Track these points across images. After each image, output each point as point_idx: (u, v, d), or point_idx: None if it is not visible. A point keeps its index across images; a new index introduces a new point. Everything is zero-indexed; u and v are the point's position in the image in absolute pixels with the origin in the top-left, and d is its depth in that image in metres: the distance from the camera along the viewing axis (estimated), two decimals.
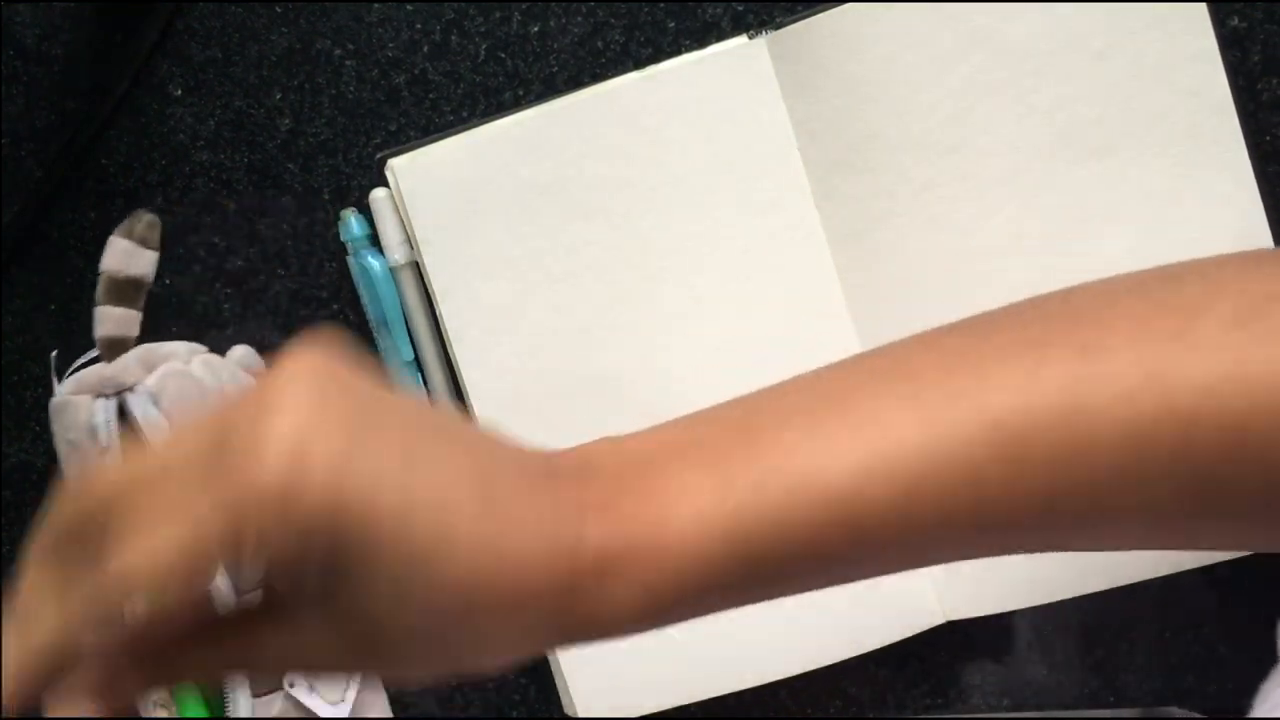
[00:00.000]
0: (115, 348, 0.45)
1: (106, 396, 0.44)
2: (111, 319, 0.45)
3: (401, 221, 0.45)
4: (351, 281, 0.46)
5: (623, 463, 0.29)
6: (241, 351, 0.47)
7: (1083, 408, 0.27)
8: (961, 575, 0.44)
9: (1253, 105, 0.42)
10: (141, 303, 0.46)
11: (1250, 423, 0.27)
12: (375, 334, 0.46)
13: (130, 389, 0.44)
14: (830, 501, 0.27)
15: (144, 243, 0.45)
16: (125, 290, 0.45)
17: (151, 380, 0.44)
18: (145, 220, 0.46)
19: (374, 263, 0.45)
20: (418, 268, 0.45)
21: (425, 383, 0.46)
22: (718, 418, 0.30)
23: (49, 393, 0.48)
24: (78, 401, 0.44)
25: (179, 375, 0.44)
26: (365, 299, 0.46)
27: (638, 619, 0.28)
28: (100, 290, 0.45)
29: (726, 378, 0.44)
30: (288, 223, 0.46)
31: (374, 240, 0.45)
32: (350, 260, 0.46)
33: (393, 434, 0.25)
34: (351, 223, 0.45)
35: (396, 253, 0.45)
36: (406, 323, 0.45)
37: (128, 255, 0.45)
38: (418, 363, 0.46)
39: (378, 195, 0.45)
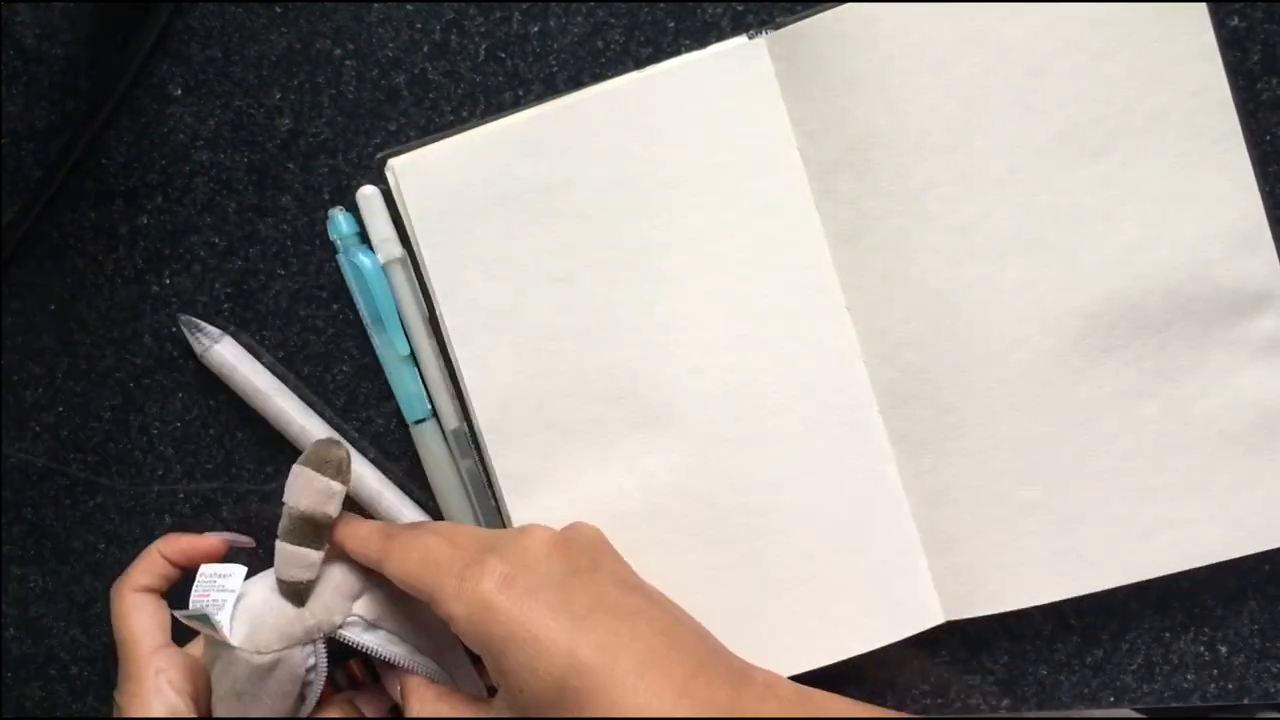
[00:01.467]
0: (296, 592, 0.41)
1: (315, 641, 0.41)
2: (295, 560, 0.41)
3: (390, 218, 0.45)
4: None
5: None
6: None
7: None
8: (961, 575, 0.44)
9: (1253, 105, 0.42)
10: (325, 544, 0.42)
11: None
12: (370, 331, 0.46)
13: (341, 626, 0.42)
14: None
15: (340, 479, 0.41)
16: (309, 531, 0.41)
17: (361, 608, 0.42)
18: (339, 457, 0.41)
19: (365, 260, 0.45)
20: (404, 263, 0.45)
21: (422, 378, 0.46)
22: None
23: (49, 393, 0.48)
24: (289, 656, 0.41)
25: (380, 595, 0.42)
26: (358, 297, 0.46)
27: None
28: (285, 528, 0.41)
29: (726, 378, 0.44)
30: (288, 223, 0.46)
31: (364, 238, 0.46)
32: (340, 258, 0.46)
33: (579, 605, 0.38)
34: (340, 221, 0.45)
35: (386, 249, 0.45)
36: (401, 318, 0.45)
37: (322, 496, 0.41)
38: (414, 358, 0.46)
39: (365, 192, 0.45)
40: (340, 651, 0.43)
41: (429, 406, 0.46)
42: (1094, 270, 0.42)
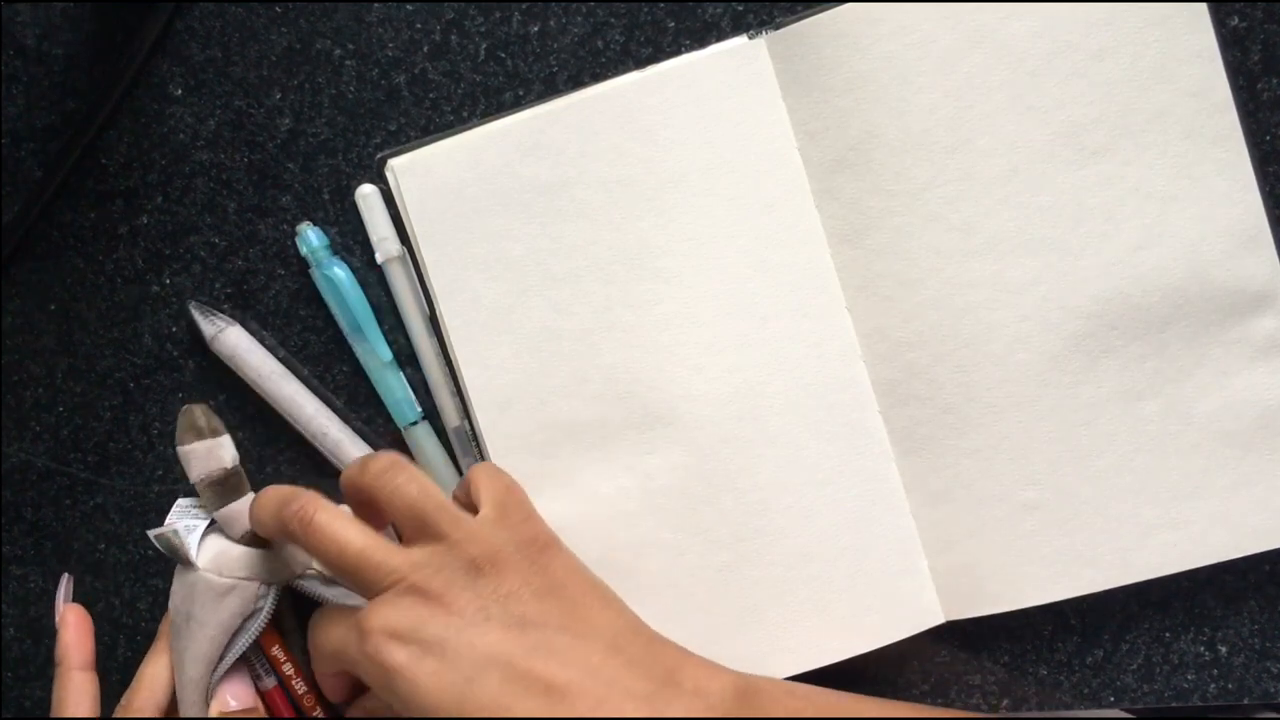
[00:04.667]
0: (256, 540, 0.43)
1: (273, 585, 0.43)
2: (232, 519, 0.43)
3: (390, 217, 0.45)
4: None
5: None
6: None
7: None
8: (961, 575, 0.44)
9: (1253, 105, 0.42)
10: (247, 486, 0.43)
11: None
12: (351, 342, 0.46)
13: (300, 576, 0.43)
14: None
15: (214, 434, 0.43)
16: (227, 486, 0.43)
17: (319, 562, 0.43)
18: (198, 413, 0.43)
19: (339, 271, 0.45)
20: (404, 261, 0.45)
21: (423, 377, 0.46)
22: None
23: (49, 393, 0.48)
24: (246, 588, 0.42)
25: None
26: (335, 309, 0.46)
27: None
28: (207, 499, 0.43)
29: (727, 378, 0.44)
30: (288, 223, 0.46)
31: (343, 245, 0.45)
32: (313, 272, 0.46)
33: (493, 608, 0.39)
34: (309, 235, 0.45)
35: (385, 247, 0.45)
36: (401, 318, 0.45)
37: (209, 456, 0.43)
38: (402, 359, 0.46)
39: (364, 190, 0.45)
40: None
41: (419, 410, 0.46)
42: (1094, 270, 0.42)
